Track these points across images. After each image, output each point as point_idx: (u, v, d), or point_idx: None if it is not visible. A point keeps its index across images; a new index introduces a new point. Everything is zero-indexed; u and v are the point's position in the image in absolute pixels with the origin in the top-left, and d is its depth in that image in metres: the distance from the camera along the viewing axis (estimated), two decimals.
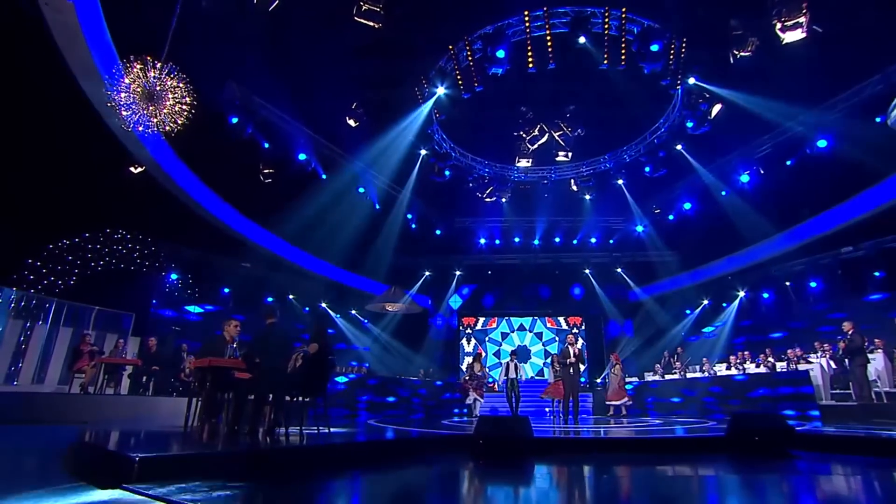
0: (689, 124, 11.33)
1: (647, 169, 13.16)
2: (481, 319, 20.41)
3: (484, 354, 14.52)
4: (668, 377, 15.32)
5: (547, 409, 15.82)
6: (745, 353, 15.16)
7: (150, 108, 6.71)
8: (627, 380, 16.45)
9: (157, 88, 6.75)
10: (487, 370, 13.82)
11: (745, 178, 12.66)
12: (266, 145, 12.32)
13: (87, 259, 14.09)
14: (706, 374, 14.56)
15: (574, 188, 15.50)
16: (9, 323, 12.85)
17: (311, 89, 12.09)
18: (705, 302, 18.74)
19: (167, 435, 6.25)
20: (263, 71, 11.52)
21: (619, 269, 19.12)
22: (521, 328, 20.47)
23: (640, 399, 15.39)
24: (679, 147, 12.54)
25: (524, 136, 12.76)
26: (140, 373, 12.20)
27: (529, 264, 19.29)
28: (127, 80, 6.79)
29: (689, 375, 14.65)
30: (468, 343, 20.28)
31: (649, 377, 16.06)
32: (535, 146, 12.92)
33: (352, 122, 12.52)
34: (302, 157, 12.77)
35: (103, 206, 13.73)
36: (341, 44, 11.48)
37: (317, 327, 7.08)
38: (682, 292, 18.60)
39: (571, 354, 11.80)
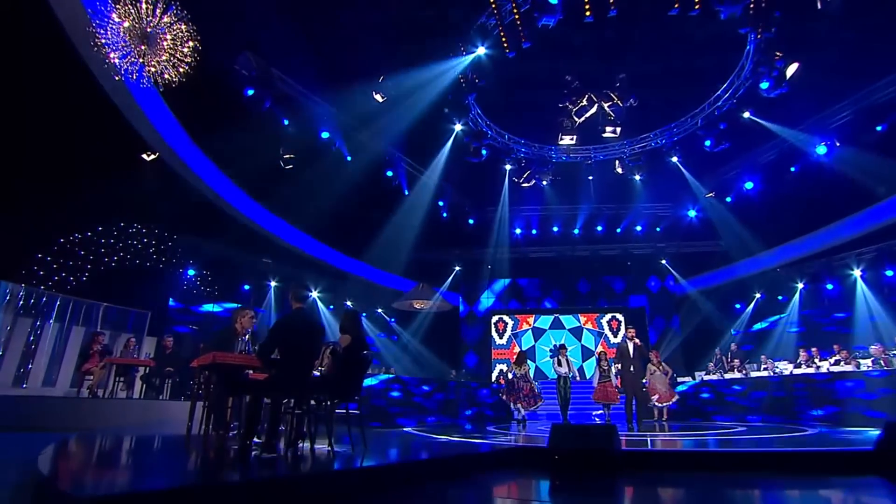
0: (764, 85, 9.63)
1: (707, 143, 11.45)
2: (514, 317, 18.80)
3: (518, 351, 12.92)
4: (728, 376, 13.51)
5: (595, 415, 14.14)
6: (814, 349, 13.30)
7: (144, 49, 5.33)
8: (680, 380, 14.73)
9: (153, 25, 5.36)
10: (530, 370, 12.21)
11: (821, 149, 10.87)
12: (286, 122, 10.98)
13: (100, 254, 12.93)
14: (772, 372, 12.74)
15: (619, 170, 13.84)
16: (17, 321, 11.73)
17: (334, 61, 10.73)
18: (758, 295, 16.87)
19: (156, 452, 4.83)
20: (282, 41, 10.19)
21: (663, 261, 17.36)
22: (557, 325, 18.82)
23: (697, 401, 13.61)
24: (747, 114, 10.83)
25: (570, 106, 11.20)
26: (153, 374, 10.95)
27: (567, 257, 17.66)
28: (116, 17, 5.41)
29: (753, 374, 12.83)
30: (500, 337, 18.68)
31: (704, 377, 14.25)
32: (583, 119, 11.34)
33: (378, 98, 11.11)
34: (325, 135, 11.40)
35: (117, 197, 12.51)
36: (367, 6, 10.09)
37: (349, 318, 5.61)
38: (733, 284, 16.76)
39: (630, 350, 10.17)
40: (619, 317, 18.60)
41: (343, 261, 16.15)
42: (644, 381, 10.50)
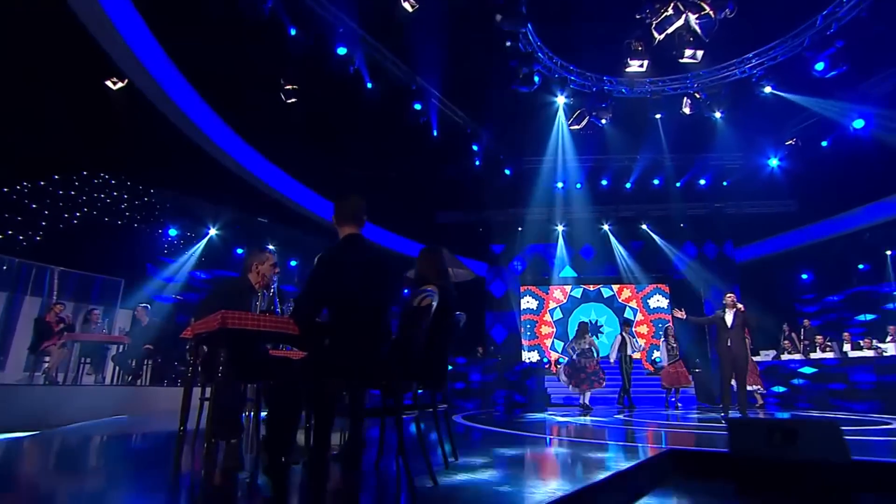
0: None
1: (817, 67, 9.50)
2: (539, 297, 17.14)
3: (581, 322, 11.18)
4: (815, 356, 11.86)
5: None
6: None
7: None
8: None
9: None
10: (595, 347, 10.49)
11: None
12: (293, 31, 8.89)
13: (57, 209, 10.88)
14: (876, 352, 11.11)
15: (686, 110, 11.92)
16: None
17: None
18: (832, 263, 15.20)
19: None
20: None
21: (723, 223, 15.63)
22: (592, 298, 17.21)
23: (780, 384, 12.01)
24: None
25: (651, 17, 9.20)
26: (128, 354, 9.07)
27: (609, 218, 15.83)
28: None
29: (854, 355, 11.16)
30: (524, 301, 17.03)
31: (783, 356, 12.64)
32: (663, 35, 9.36)
33: (407, 6, 9.06)
34: (342, 51, 9.33)
35: (76, 138, 10.39)
36: None
37: (431, 259, 3.78)
38: (804, 250, 15.07)
39: (728, 320, 8.34)
40: (663, 301, 16.97)
41: None
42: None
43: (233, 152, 11.41)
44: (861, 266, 14.64)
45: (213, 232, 12.41)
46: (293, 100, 10.72)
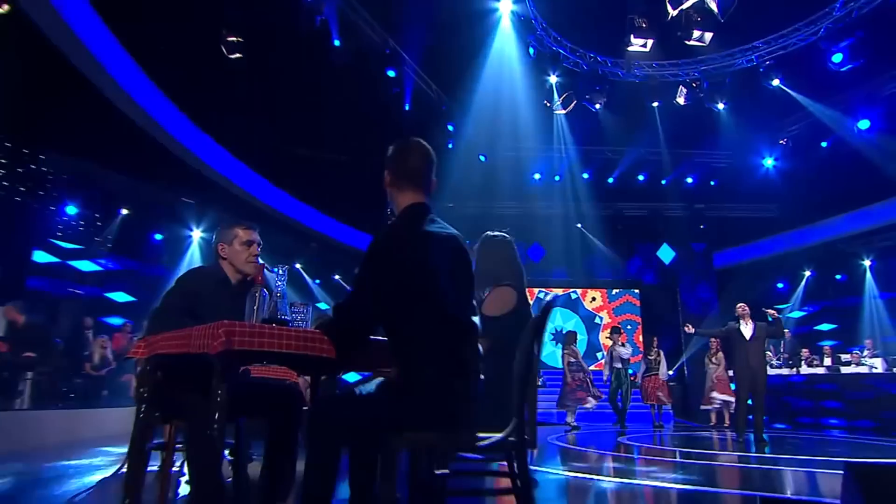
0: None
1: (834, 59, 9.36)
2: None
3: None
4: (808, 371, 11.92)
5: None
6: None
7: None
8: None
9: None
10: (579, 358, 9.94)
11: None
12: None
13: None
14: (866, 368, 11.26)
15: (680, 100, 11.64)
16: None
17: None
18: (808, 273, 15.60)
19: None
20: None
21: (702, 226, 15.67)
22: (559, 304, 16.86)
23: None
24: None
25: None
26: (3, 367, 7.42)
27: (583, 216, 15.43)
28: None
29: (846, 371, 11.24)
30: None
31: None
32: (678, 9, 8.90)
33: None
34: None
35: None
36: None
37: (503, 251, 2.95)
38: (780, 258, 15.35)
39: (747, 332, 7.90)
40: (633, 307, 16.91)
41: (298, 209, 12.89)
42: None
43: (154, 113, 9.84)
44: (839, 276, 15.07)
45: (125, 211, 10.71)
46: (237, 55, 9.38)
